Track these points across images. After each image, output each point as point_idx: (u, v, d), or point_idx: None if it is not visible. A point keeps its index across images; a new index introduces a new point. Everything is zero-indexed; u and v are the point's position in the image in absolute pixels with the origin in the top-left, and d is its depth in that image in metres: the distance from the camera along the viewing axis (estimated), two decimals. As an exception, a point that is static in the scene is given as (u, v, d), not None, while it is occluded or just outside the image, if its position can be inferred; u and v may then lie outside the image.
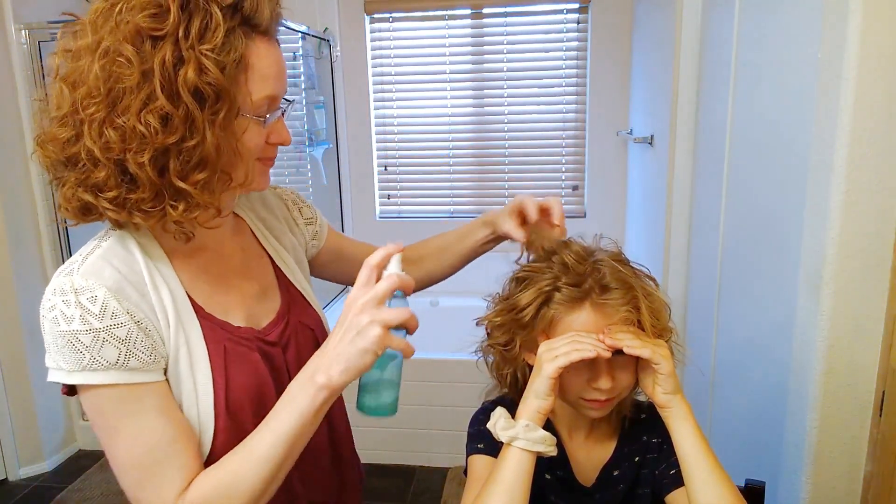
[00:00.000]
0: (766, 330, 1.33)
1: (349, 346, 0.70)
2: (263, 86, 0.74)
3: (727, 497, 0.74)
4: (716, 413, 1.67)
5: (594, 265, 0.83)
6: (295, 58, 2.69)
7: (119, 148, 0.67)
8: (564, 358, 0.76)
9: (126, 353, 0.70)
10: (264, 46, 0.74)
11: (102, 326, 0.69)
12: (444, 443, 2.43)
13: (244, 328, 0.82)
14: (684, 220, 1.99)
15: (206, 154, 0.70)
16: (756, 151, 1.40)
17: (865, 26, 0.95)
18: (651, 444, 0.90)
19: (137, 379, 0.71)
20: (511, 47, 2.93)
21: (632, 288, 0.81)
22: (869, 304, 1.04)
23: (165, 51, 0.66)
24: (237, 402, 0.77)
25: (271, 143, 0.79)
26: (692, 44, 1.87)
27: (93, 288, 0.70)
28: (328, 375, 0.70)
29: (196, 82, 0.67)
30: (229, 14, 0.69)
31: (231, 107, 0.70)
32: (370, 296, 0.71)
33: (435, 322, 2.92)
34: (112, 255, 0.74)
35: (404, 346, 0.72)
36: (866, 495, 1.09)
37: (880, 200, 1.00)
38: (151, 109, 0.66)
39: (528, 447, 0.76)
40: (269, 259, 0.93)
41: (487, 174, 3.08)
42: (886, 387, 1.03)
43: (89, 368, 0.69)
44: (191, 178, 0.70)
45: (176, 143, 0.68)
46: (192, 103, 0.67)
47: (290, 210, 1.02)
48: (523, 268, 0.89)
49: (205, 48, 0.67)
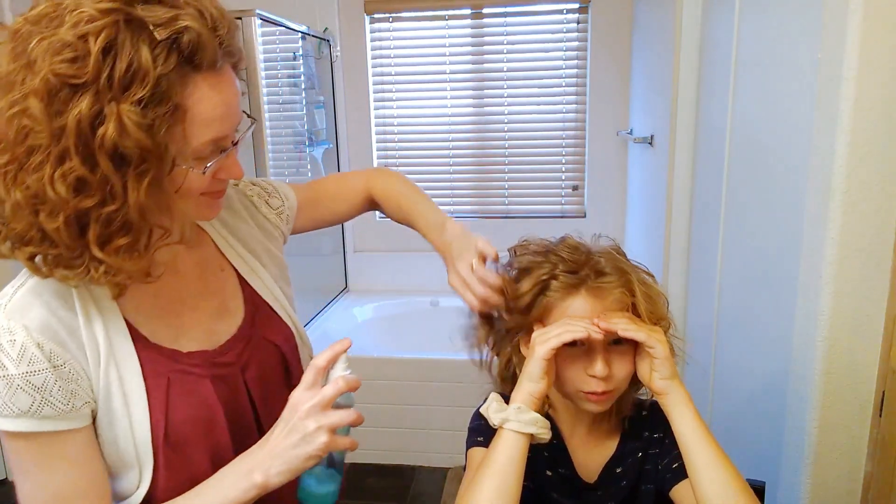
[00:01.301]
0: (766, 330, 1.33)
1: (293, 449, 0.70)
2: (205, 131, 0.65)
3: (730, 481, 0.73)
4: (716, 413, 1.67)
5: (591, 254, 0.85)
6: (295, 58, 2.69)
7: (31, 208, 0.60)
8: (556, 339, 0.76)
9: (41, 401, 0.66)
10: (207, 86, 0.64)
11: (18, 373, 0.64)
12: (443, 443, 2.43)
13: (196, 353, 0.78)
14: (684, 220, 1.99)
15: (129, 219, 0.63)
16: (756, 151, 1.40)
17: (865, 26, 0.95)
18: (653, 439, 0.90)
19: (49, 427, 0.67)
20: (511, 47, 2.92)
21: (626, 272, 0.83)
22: (869, 304, 1.03)
23: (82, 104, 0.57)
24: (179, 435, 0.74)
25: (220, 178, 0.72)
26: (692, 44, 1.86)
27: (13, 330, 0.65)
28: (266, 475, 0.70)
29: (117, 142, 0.58)
30: (163, 56, 0.60)
31: (160, 165, 0.62)
32: (316, 401, 0.70)
33: (435, 322, 2.92)
34: (44, 288, 0.68)
35: (349, 444, 0.73)
36: (866, 495, 1.09)
37: (880, 200, 1.00)
38: (64, 172, 0.58)
39: (520, 428, 0.76)
40: (232, 271, 0.87)
41: (487, 174, 3.07)
42: (886, 387, 1.03)
43: (1, 414, 0.65)
44: (112, 243, 0.64)
45: (94, 206, 0.61)
46: (109, 167, 0.59)
47: (257, 207, 0.94)
48: (522, 259, 0.89)
49: (128, 103, 0.58)
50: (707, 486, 0.74)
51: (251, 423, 0.83)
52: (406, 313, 3.01)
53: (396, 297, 3.08)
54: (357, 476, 2.37)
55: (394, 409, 2.44)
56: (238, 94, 0.70)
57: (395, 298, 3.08)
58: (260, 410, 0.84)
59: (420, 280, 3.08)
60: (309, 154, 2.83)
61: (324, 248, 3.05)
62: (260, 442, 0.74)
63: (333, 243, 3.10)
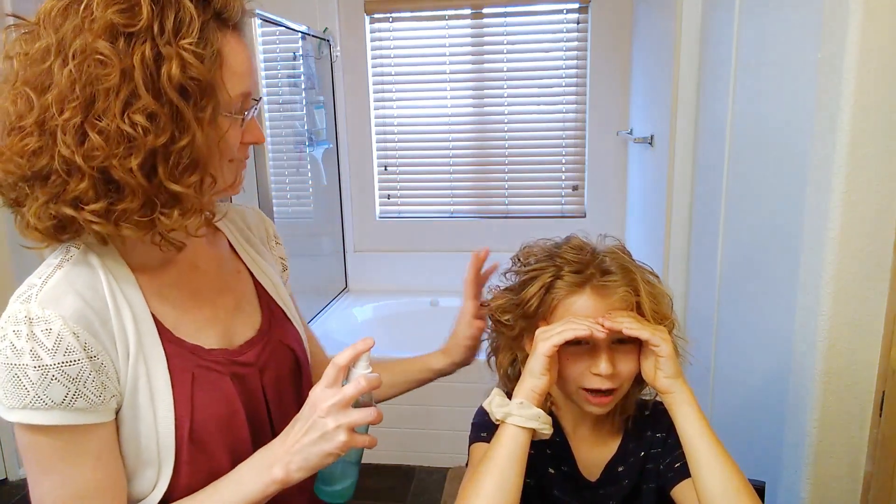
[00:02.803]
0: (766, 330, 1.33)
1: (312, 447, 0.70)
2: (238, 82, 0.70)
3: (733, 480, 0.73)
4: (716, 413, 1.67)
5: (596, 254, 0.85)
6: (295, 58, 2.69)
7: (104, 154, 0.62)
8: (559, 336, 0.77)
9: (75, 392, 0.65)
10: (235, 42, 0.70)
11: (54, 363, 0.64)
12: (444, 443, 2.43)
13: (217, 350, 0.78)
14: (684, 220, 1.99)
15: (198, 154, 0.66)
16: (756, 151, 1.40)
17: (865, 26, 0.95)
18: (655, 438, 0.90)
19: (80, 420, 0.66)
20: (511, 47, 2.92)
21: (631, 272, 0.83)
22: (869, 304, 1.03)
23: (144, 48, 0.62)
24: (204, 432, 0.74)
25: (245, 142, 0.76)
26: (692, 44, 1.86)
27: (49, 319, 0.64)
28: (286, 471, 0.70)
29: (180, 79, 0.63)
30: (201, 8, 0.66)
31: (217, 103, 0.67)
32: (336, 399, 0.70)
33: (435, 322, 2.92)
34: (75, 277, 0.68)
35: (368, 442, 0.73)
36: (866, 495, 1.09)
37: (880, 200, 1.00)
38: (136, 109, 0.62)
39: (522, 423, 0.76)
40: (248, 274, 0.89)
41: (487, 174, 3.07)
42: (886, 387, 1.03)
43: (31, 407, 0.64)
44: (183, 181, 0.66)
45: (165, 144, 0.63)
46: (179, 100, 0.63)
47: (269, 237, 0.98)
48: (525, 266, 0.89)
49: (184, 42, 0.63)
50: (709, 484, 0.74)
51: (266, 424, 0.83)
52: (406, 313, 3.01)
53: (396, 297, 3.08)
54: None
55: (394, 409, 2.43)
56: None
57: (395, 298, 3.08)
58: (274, 412, 0.84)
59: (420, 280, 3.08)
60: (309, 154, 2.83)
61: (324, 248, 3.05)
62: (278, 438, 0.74)
63: (333, 243, 3.10)
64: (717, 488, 0.73)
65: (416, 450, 2.47)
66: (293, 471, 0.70)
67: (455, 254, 3.09)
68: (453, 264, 3.11)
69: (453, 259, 3.18)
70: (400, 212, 3.17)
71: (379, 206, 3.17)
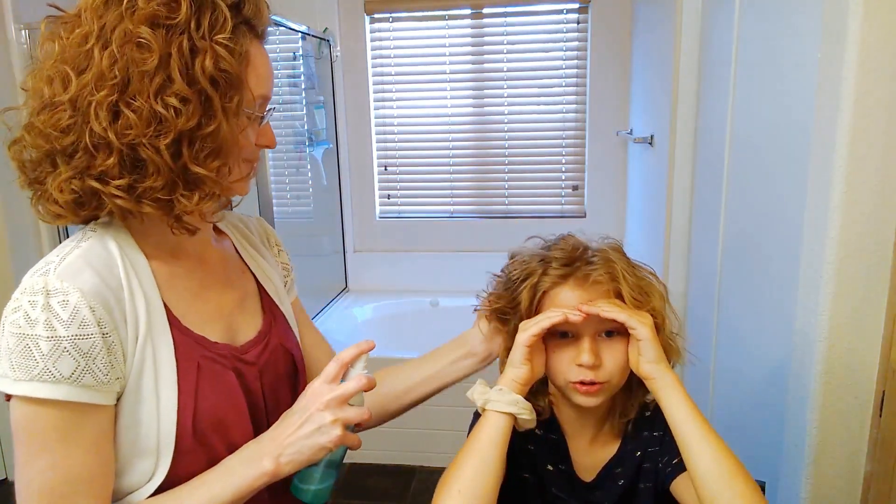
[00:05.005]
0: (766, 330, 1.33)
1: (306, 439, 0.71)
2: (260, 84, 0.75)
3: (725, 461, 0.73)
4: (716, 413, 1.67)
5: (586, 249, 0.86)
6: (295, 58, 2.69)
7: (136, 131, 0.66)
8: (536, 326, 0.79)
9: (84, 367, 0.65)
10: (259, 48, 0.75)
11: (67, 335, 0.64)
12: (444, 443, 2.43)
13: (221, 344, 0.79)
14: (684, 220, 1.99)
15: (221, 141, 0.70)
16: (756, 151, 1.40)
17: (865, 26, 0.95)
18: (652, 437, 0.90)
19: (85, 398, 0.66)
20: (511, 47, 2.93)
21: (612, 262, 0.84)
22: (869, 305, 1.04)
23: (181, 39, 0.67)
24: (206, 424, 0.74)
25: (259, 144, 0.80)
26: (692, 44, 1.87)
27: (67, 291, 0.65)
28: (277, 464, 0.70)
29: (212, 69, 0.68)
30: (234, 12, 0.71)
31: (241, 97, 0.71)
32: (337, 393, 0.72)
33: (435, 322, 2.93)
34: (92, 256, 0.70)
35: (356, 442, 0.75)
36: (866, 495, 1.09)
37: (880, 200, 1.00)
38: (170, 93, 0.66)
39: (501, 408, 0.77)
40: (252, 276, 0.90)
41: (487, 174, 3.07)
42: (886, 387, 1.03)
43: (38, 379, 0.63)
44: (206, 164, 0.70)
45: (193, 128, 0.67)
46: (210, 88, 0.68)
47: (270, 244, 0.99)
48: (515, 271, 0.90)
49: (218, 38, 0.68)
50: (701, 467, 0.73)
51: (264, 425, 0.83)
52: (406, 313, 3.01)
53: (396, 297, 3.08)
54: (357, 476, 2.37)
55: (394, 409, 2.44)
56: None
57: (395, 298, 3.08)
58: (270, 414, 0.84)
59: (420, 280, 3.08)
60: (309, 154, 2.83)
61: (324, 248, 3.05)
62: (269, 430, 0.74)
63: (333, 243, 3.10)
64: (711, 472, 0.72)
65: (416, 450, 2.46)
66: (283, 463, 0.71)
67: (455, 254, 3.10)
68: (453, 264, 3.14)
69: (453, 259, 3.19)
70: (400, 212, 3.17)
71: (379, 206, 3.17)
